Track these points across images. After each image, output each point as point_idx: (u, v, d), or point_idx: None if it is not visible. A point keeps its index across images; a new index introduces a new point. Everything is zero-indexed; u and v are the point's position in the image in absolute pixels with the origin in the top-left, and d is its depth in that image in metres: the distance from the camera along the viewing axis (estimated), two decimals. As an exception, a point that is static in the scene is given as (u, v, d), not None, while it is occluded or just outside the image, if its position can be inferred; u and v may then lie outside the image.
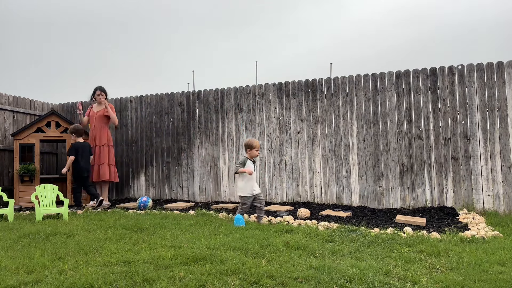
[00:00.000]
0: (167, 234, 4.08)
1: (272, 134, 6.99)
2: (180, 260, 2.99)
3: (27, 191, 6.80)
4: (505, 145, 5.68)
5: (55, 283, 2.54)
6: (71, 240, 3.87)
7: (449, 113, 6.01)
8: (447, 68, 6.05)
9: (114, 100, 8.17)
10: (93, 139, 7.09)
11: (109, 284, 2.49)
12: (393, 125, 6.28)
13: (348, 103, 6.55)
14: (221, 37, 31.31)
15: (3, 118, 7.57)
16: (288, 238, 3.74)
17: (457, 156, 5.92)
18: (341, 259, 3.11)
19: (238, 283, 2.50)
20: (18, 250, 3.49)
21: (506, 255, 3.13)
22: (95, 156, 7.02)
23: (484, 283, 2.53)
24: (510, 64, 5.75)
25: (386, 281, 2.53)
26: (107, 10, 30.95)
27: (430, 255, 3.24)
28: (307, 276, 2.61)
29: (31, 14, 30.10)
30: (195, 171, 7.49)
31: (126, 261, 3.00)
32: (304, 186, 6.73)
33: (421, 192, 6.08)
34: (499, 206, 5.66)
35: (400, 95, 6.28)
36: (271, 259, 3.05)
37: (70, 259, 3.15)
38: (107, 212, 6.00)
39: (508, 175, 5.65)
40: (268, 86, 7.10)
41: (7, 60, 26.95)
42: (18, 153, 7.00)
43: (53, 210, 5.63)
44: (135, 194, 7.95)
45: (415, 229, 4.41)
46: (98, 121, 7.15)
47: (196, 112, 7.57)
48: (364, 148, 6.41)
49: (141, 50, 30.12)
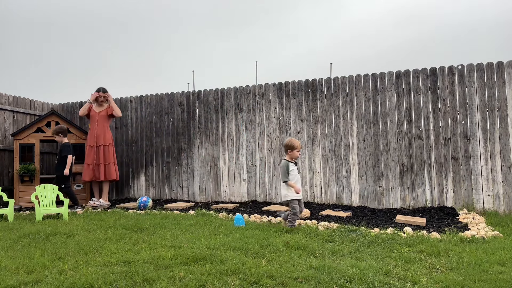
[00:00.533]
0: (167, 234, 4.08)
1: (272, 134, 6.99)
2: (180, 260, 2.99)
3: (27, 191, 6.80)
4: (505, 145, 5.68)
5: (55, 283, 2.54)
6: (71, 240, 3.87)
7: (449, 113, 6.01)
8: (447, 68, 6.06)
9: (114, 100, 8.17)
10: (96, 138, 7.10)
11: (109, 284, 2.49)
12: (393, 125, 6.28)
13: (348, 103, 6.55)
14: (221, 37, 31.31)
15: (3, 118, 7.56)
16: (288, 238, 3.75)
17: (457, 156, 5.92)
18: (341, 259, 3.11)
19: (238, 283, 2.50)
20: (18, 250, 3.49)
21: (506, 255, 3.13)
22: (99, 156, 7.05)
23: (484, 283, 2.53)
24: (510, 64, 5.75)
25: (386, 281, 2.53)
26: (107, 10, 30.95)
27: (430, 255, 3.24)
28: (307, 276, 2.61)
29: (31, 14, 30.10)
30: (195, 171, 7.49)
31: (126, 261, 3.00)
32: (304, 186, 6.73)
33: (421, 192, 6.07)
34: (499, 206, 5.66)
35: (400, 95, 6.28)
36: (271, 259, 3.05)
37: (70, 259, 3.15)
38: (107, 212, 6.00)
39: (508, 175, 5.65)
40: (268, 86, 7.10)
41: (7, 60, 26.95)
42: (18, 153, 7.00)
43: (53, 210, 5.63)
44: (135, 194, 7.95)
45: (415, 229, 4.41)
46: (101, 121, 7.17)
47: (196, 112, 7.57)
48: (364, 148, 6.41)
49: (141, 50, 30.12)
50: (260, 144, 7.06)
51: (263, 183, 7.00)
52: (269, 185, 6.97)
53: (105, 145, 7.11)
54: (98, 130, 7.13)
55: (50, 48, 28.86)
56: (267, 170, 6.99)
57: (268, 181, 6.98)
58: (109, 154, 7.12)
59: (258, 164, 7.05)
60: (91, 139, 7.12)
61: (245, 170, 7.13)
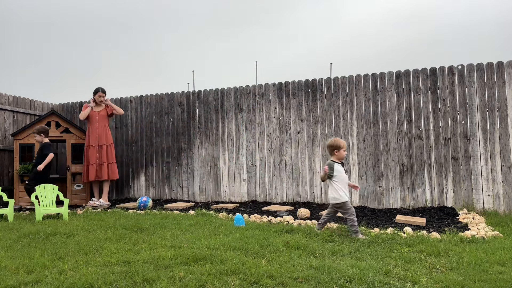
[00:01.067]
0: (167, 234, 4.08)
1: (272, 134, 6.99)
2: (180, 260, 2.99)
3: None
4: (505, 145, 5.68)
5: (55, 283, 2.54)
6: (71, 240, 3.87)
7: (449, 113, 6.01)
8: (447, 68, 6.05)
9: (114, 100, 8.18)
10: (98, 138, 7.11)
11: (109, 284, 2.49)
12: (393, 125, 6.28)
13: (348, 103, 6.55)
14: (221, 37, 31.31)
15: (3, 118, 7.56)
16: (288, 238, 3.74)
17: (457, 156, 5.92)
18: (341, 259, 3.11)
19: (238, 283, 2.50)
20: (18, 250, 3.49)
21: (506, 255, 3.13)
22: (101, 155, 7.06)
23: (484, 283, 2.53)
24: (510, 64, 5.75)
25: (386, 281, 2.53)
26: (107, 10, 30.95)
27: (430, 255, 3.24)
28: (307, 276, 2.61)
29: (31, 14, 30.11)
30: (195, 171, 7.49)
31: (126, 261, 3.00)
32: (304, 186, 6.73)
33: (421, 192, 6.07)
34: (499, 206, 5.66)
35: (400, 95, 6.28)
36: (271, 259, 3.05)
37: (70, 259, 3.15)
38: (107, 212, 6.00)
39: (508, 175, 5.65)
40: (268, 86, 7.10)
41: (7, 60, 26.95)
42: (18, 153, 7.00)
43: (53, 210, 5.63)
44: (135, 194, 7.94)
45: (415, 229, 4.41)
46: (101, 120, 7.19)
47: (196, 112, 7.57)
48: (364, 148, 6.41)
49: (141, 50, 30.12)
50: (260, 144, 7.06)
51: (263, 183, 7.00)
52: (269, 185, 6.97)
53: (107, 144, 7.16)
54: (99, 130, 7.14)
55: (50, 48, 28.87)
56: (267, 170, 6.99)
57: (268, 181, 6.98)
58: (111, 154, 7.21)
59: (258, 164, 7.05)
60: (92, 139, 7.12)
61: (245, 170, 7.13)
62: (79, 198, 7.33)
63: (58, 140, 7.73)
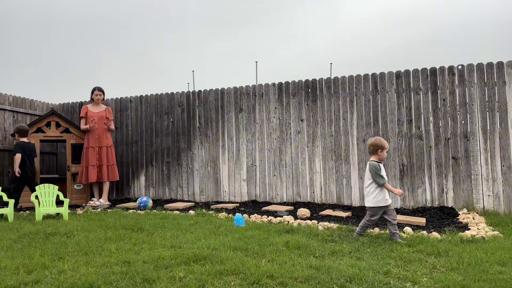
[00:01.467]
0: (167, 234, 4.08)
1: (272, 134, 6.99)
2: (180, 260, 2.99)
3: (27, 191, 6.79)
4: (505, 145, 5.68)
5: (55, 283, 2.54)
6: (71, 240, 3.87)
7: (449, 113, 6.01)
8: (447, 68, 6.05)
9: (114, 100, 8.18)
10: (98, 139, 7.10)
11: (109, 284, 2.49)
12: (393, 125, 6.28)
13: (348, 103, 6.55)
14: (221, 37, 31.32)
15: (3, 118, 7.56)
16: (288, 238, 3.74)
17: (457, 156, 5.92)
18: (341, 259, 3.11)
19: (238, 283, 2.50)
20: (18, 250, 3.49)
21: (506, 255, 3.13)
22: (101, 157, 7.06)
23: (484, 283, 2.53)
24: (510, 64, 5.75)
25: (386, 281, 2.53)
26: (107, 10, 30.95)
27: (430, 255, 3.25)
28: (307, 276, 2.61)
29: (31, 14, 30.11)
30: (195, 171, 7.49)
31: (126, 261, 3.00)
32: (304, 186, 6.73)
33: (421, 192, 6.07)
34: (499, 206, 5.66)
35: (400, 95, 6.27)
36: (271, 259, 3.05)
37: (70, 259, 3.15)
38: (107, 212, 6.00)
39: (508, 175, 5.65)
40: (268, 86, 7.10)
41: (7, 60, 26.96)
42: (18, 153, 6.99)
43: (53, 210, 5.63)
44: (135, 194, 7.94)
45: (415, 229, 4.42)
46: (100, 122, 7.17)
47: (196, 112, 7.57)
48: (364, 148, 6.41)
49: (141, 50, 30.12)
50: (260, 144, 7.06)
51: (263, 183, 7.00)
52: (269, 185, 6.97)
53: (107, 146, 7.15)
54: (99, 131, 7.13)
55: (50, 48, 28.88)
56: (267, 170, 6.99)
57: (268, 181, 6.98)
58: (112, 156, 7.22)
59: (258, 164, 7.05)
60: (92, 140, 7.10)
61: (245, 170, 7.13)
62: (79, 198, 7.33)
63: (58, 140, 7.73)
